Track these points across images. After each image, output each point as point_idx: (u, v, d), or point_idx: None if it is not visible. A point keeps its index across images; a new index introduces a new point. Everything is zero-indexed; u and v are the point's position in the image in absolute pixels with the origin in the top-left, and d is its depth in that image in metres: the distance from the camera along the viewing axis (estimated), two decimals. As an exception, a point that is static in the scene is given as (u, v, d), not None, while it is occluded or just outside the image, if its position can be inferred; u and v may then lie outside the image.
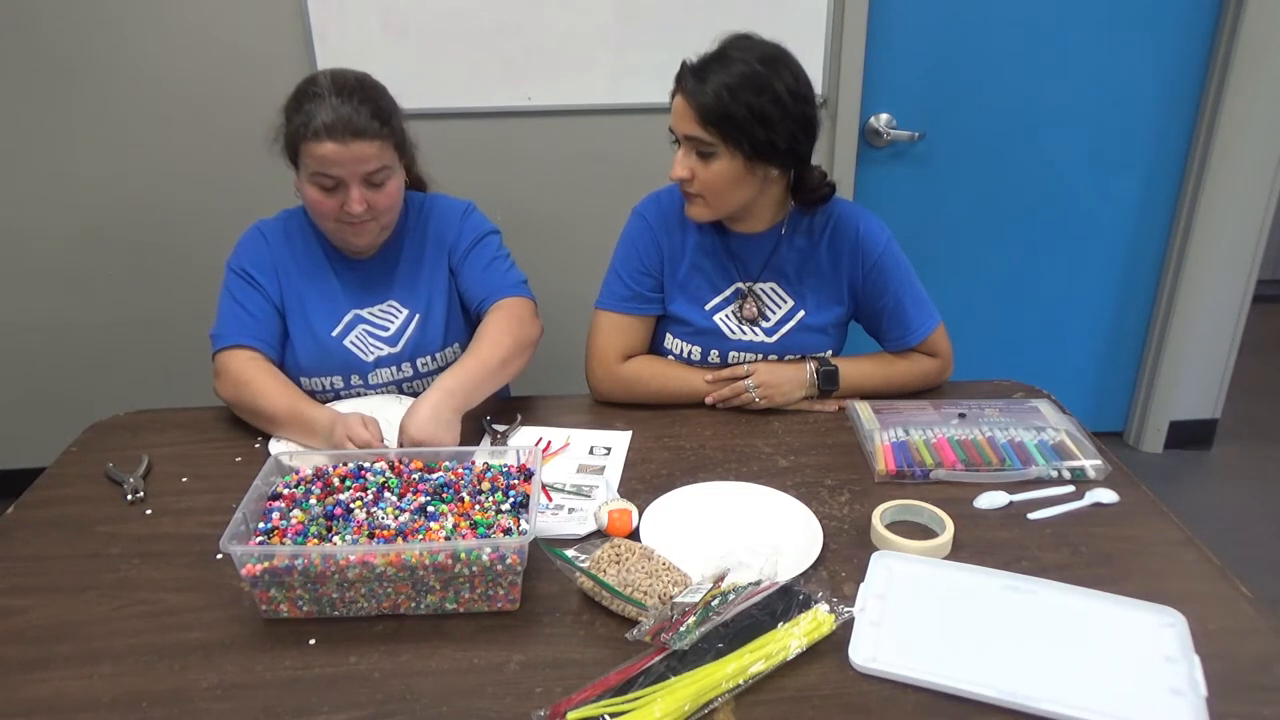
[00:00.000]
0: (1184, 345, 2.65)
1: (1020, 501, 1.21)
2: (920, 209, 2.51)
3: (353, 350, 1.47)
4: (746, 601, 0.96)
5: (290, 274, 1.47)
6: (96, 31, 2.14)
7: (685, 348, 1.51)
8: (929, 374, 1.51)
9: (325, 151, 1.30)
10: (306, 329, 1.46)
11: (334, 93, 1.31)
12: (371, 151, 1.33)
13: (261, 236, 1.48)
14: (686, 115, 1.32)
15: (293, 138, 1.34)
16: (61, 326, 2.43)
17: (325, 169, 1.32)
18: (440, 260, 1.52)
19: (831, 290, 1.50)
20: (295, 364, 1.47)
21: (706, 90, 1.29)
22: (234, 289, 1.44)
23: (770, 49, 1.33)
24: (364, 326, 1.48)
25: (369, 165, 1.33)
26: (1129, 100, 2.42)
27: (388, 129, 1.35)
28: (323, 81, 1.33)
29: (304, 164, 1.34)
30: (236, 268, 1.45)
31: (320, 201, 1.35)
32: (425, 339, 1.50)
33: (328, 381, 1.47)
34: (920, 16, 2.30)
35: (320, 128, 1.29)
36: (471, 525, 1.02)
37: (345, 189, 1.34)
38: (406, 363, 1.50)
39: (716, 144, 1.31)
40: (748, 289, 1.49)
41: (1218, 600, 1.02)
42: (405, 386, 1.51)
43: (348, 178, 1.33)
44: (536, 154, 2.34)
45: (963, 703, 0.88)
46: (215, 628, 0.99)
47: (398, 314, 1.50)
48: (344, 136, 1.30)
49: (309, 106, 1.31)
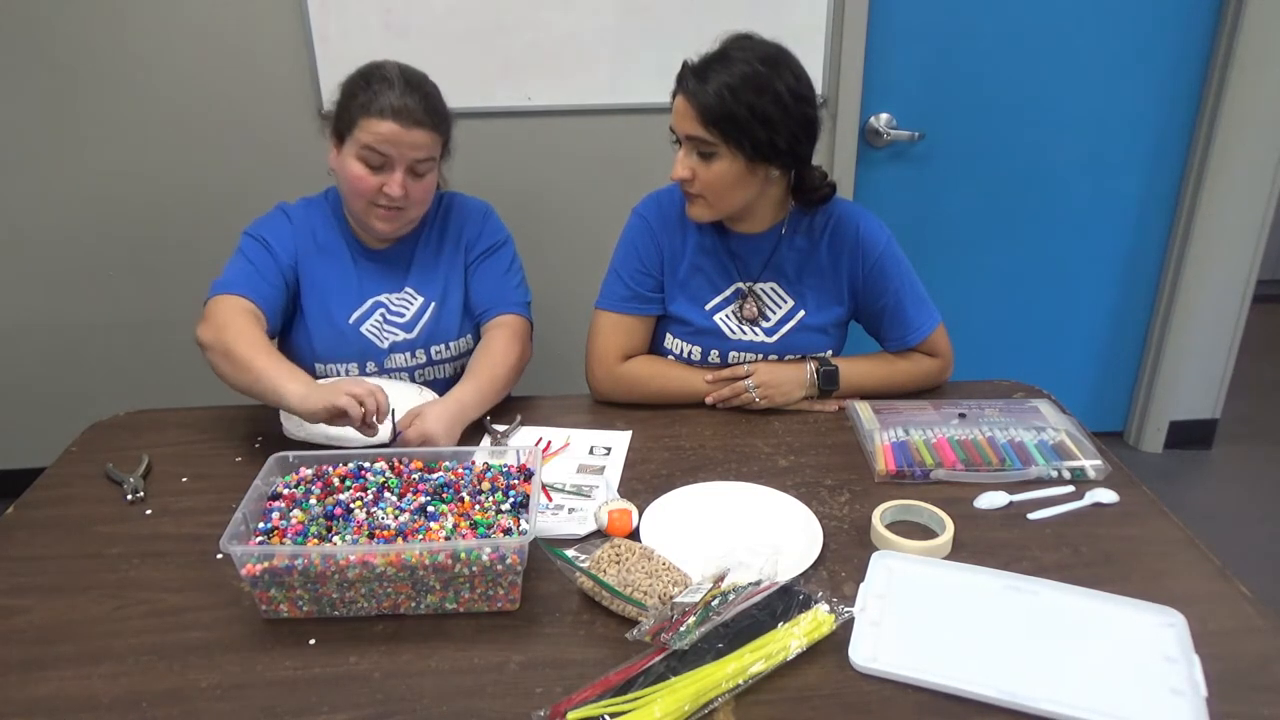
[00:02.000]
0: (1184, 345, 2.65)
1: (1020, 501, 1.21)
2: (920, 209, 2.51)
3: (368, 336, 1.48)
4: (746, 601, 0.96)
5: (310, 257, 1.48)
6: (97, 32, 2.14)
7: (685, 348, 1.51)
8: (929, 374, 1.51)
9: (385, 130, 1.35)
10: (324, 314, 1.47)
11: (403, 80, 1.37)
12: (426, 141, 1.38)
13: (285, 215, 1.50)
14: (688, 115, 1.32)
15: (353, 111, 1.37)
16: (61, 326, 2.43)
17: (379, 145, 1.36)
18: (458, 254, 1.54)
19: (832, 290, 1.50)
20: (310, 349, 1.48)
21: (708, 90, 1.29)
22: (247, 249, 1.45)
23: (771, 49, 1.33)
24: (381, 312, 1.50)
25: (420, 154, 1.38)
26: (1129, 100, 2.42)
27: (445, 126, 1.43)
28: (391, 68, 1.39)
29: (356, 138, 1.37)
30: (255, 234, 1.47)
31: (362, 178, 1.38)
32: (440, 327, 1.52)
33: (343, 368, 1.49)
34: (920, 16, 2.30)
35: (387, 107, 1.35)
36: (471, 525, 1.02)
37: (390, 170, 1.38)
38: (421, 349, 1.51)
39: (718, 144, 1.31)
40: (748, 289, 1.49)
41: (1218, 600, 1.02)
42: (419, 374, 1.52)
43: (397, 159, 1.37)
44: (536, 154, 2.34)
45: (963, 703, 0.88)
46: (215, 628, 0.99)
47: (413, 301, 1.52)
48: (407, 121, 1.36)
49: (378, 86, 1.36)
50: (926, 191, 2.49)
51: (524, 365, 1.51)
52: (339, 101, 1.41)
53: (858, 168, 2.43)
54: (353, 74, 1.41)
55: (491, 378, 1.42)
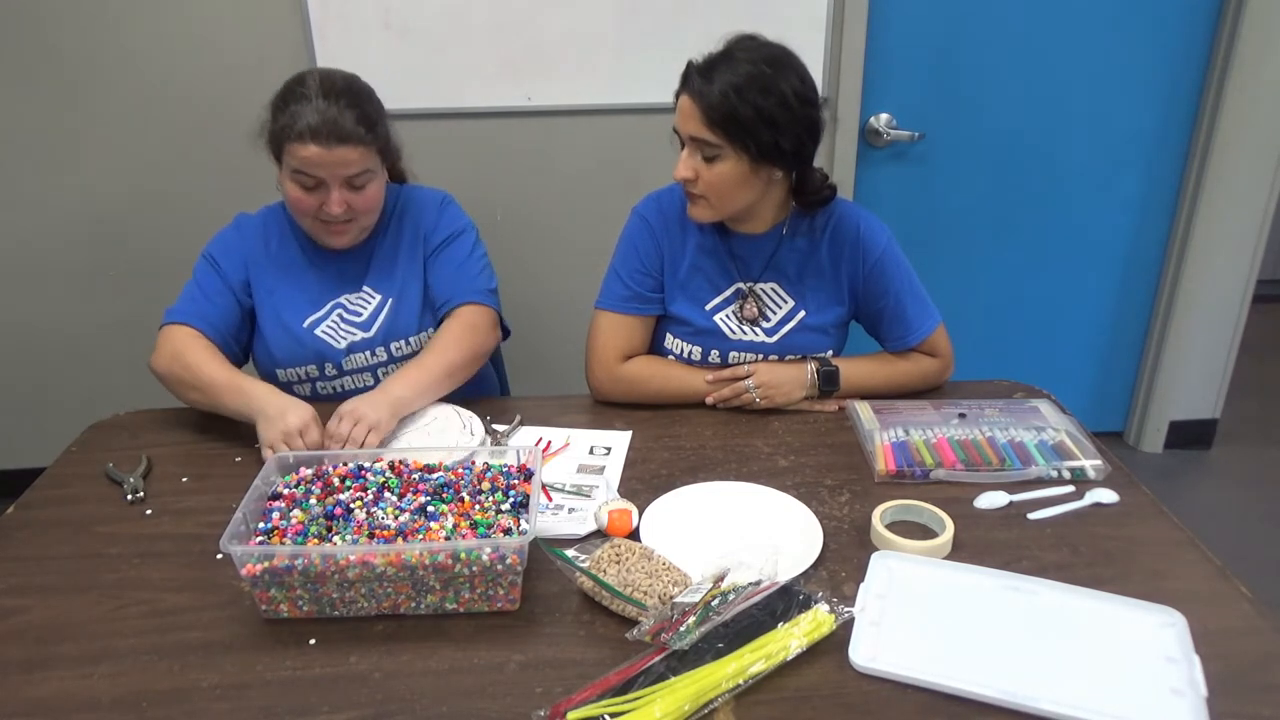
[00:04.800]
0: (1184, 345, 2.65)
1: (1020, 501, 1.21)
2: (920, 209, 2.51)
3: (324, 339, 1.48)
4: (746, 601, 0.96)
5: (262, 267, 1.48)
6: (97, 32, 2.14)
7: (686, 348, 1.51)
8: (929, 374, 1.51)
9: (308, 154, 1.32)
10: (277, 321, 1.47)
11: (321, 95, 1.32)
12: (354, 156, 1.34)
13: (236, 229, 1.51)
14: (693, 116, 1.31)
15: (277, 136, 1.35)
16: (61, 326, 2.43)
17: (307, 169, 1.33)
18: (416, 248, 1.53)
19: (832, 290, 1.50)
20: (269, 356, 1.48)
21: (713, 91, 1.28)
22: (198, 273, 1.48)
23: (776, 50, 1.33)
24: (339, 313, 1.49)
25: (350, 169, 1.35)
26: (1129, 100, 2.42)
27: (371, 135, 1.36)
28: (310, 82, 1.34)
29: (286, 162, 1.36)
30: (207, 254, 1.48)
31: (300, 199, 1.37)
32: (399, 323, 1.51)
33: (303, 371, 1.49)
34: (920, 16, 2.30)
35: (305, 129, 1.30)
36: (471, 525, 1.02)
37: (325, 189, 1.36)
38: (380, 347, 1.50)
39: (722, 145, 1.31)
40: (748, 289, 1.49)
41: (1218, 600, 1.02)
42: (381, 371, 1.51)
43: (329, 180, 1.35)
44: (536, 154, 2.34)
45: (963, 703, 0.88)
46: (215, 628, 0.99)
47: (370, 299, 1.51)
48: (328, 141, 1.31)
49: (295, 107, 1.32)
50: (926, 191, 2.49)
51: (485, 353, 1.50)
52: (268, 121, 1.37)
53: (858, 168, 2.43)
54: (278, 91, 1.38)
55: (427, 370, 1.40)
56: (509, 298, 1.63)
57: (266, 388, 1.32)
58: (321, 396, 1.51)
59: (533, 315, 1.71)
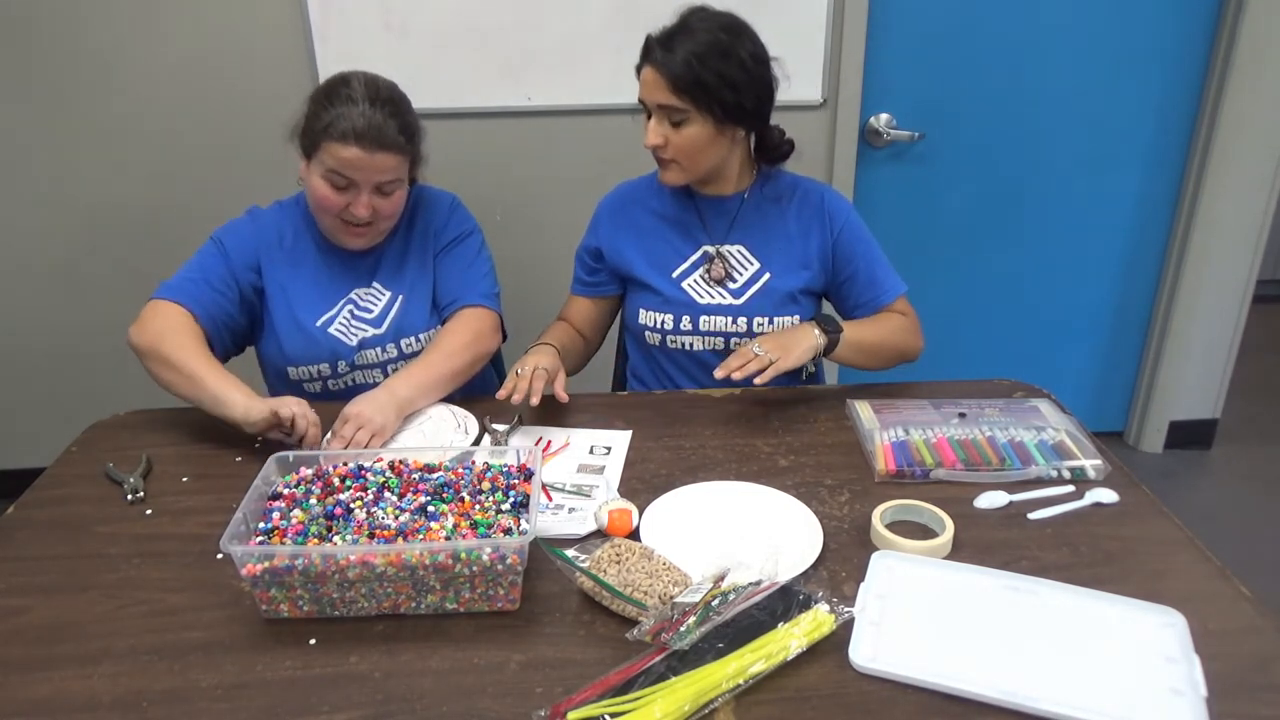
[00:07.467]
0: (1184, 345, 2.65)
1: (1020, 501, 1.21)
2: (920, 209, 2.51)
3: (337, 336, 1.48)
4: (746, 601, 0.96)
5: (275, 260, 1.48)
6: (96, 32, 2.14)
7: (658, 318, 1.55)
8: (910, 330, 1.55)
9: (348, 155, 1.32)
10: (291, 319, 1.47)
11: (367, 99, 1.33)
12: (391, 164, 1.36)
13: (251, 219, 1.51)
14: (658, 85, 1.38)
15: (316, 133, 1.34)
16: (61, 326, 2.43)
17: (343, 170, 1.34)
18: (426, 246, 1.55)
19: (799, 255, 1.54)
20: (281, 354, 1.48)
21: (676, 60, 1.36)
22: (204, 253, 1.46)
23: (729, 18, 1.40)
24: (350, 308, 1.50)
25: (385, 175, 1.37)
26: (1129, 100, 2.42)
27: (410, 145, 1.39)
28: (356, 85, 1.35)
29: (320, 159, 1.35)
30: (217, 237, 1.48)
31: (328, 197, 1.37)
32: (408, 320, 1.51)
33: (315, 369, 1.49)
34: (920, 16, 2.30)
35: (349, 131, 1.31)
36: (471, 525, 1.02)
37: (355, 191, 1.36)
38: (391, 344, 1.51)
39: (689, 110, 1.38)
40: (715, 251, 1.54)
41: (1218, 600, 1.02)
42: (390, 368, 1.51)
43: (361, 183, 1.36)
44: (536, 154, 2.34)
45: (963, 703, 0.88)
46: (215, 628, 0.99)
47: (381, 295, 1.52)
48: (370, 146, 1.32)
49: (341, 108, 1.32)
50: (926, 191, 2.49)
51: (487, 355, 1.51)
52: (305, 116, 1.37)
53: (858, 168, 2.43)
54: (318, 87, 1.39)
55: (429, 365, 1.41)
56: (508, 298, 1.63)
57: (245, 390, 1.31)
58: (331, 394, 1.51)
59: (533, 315, 1.71)
